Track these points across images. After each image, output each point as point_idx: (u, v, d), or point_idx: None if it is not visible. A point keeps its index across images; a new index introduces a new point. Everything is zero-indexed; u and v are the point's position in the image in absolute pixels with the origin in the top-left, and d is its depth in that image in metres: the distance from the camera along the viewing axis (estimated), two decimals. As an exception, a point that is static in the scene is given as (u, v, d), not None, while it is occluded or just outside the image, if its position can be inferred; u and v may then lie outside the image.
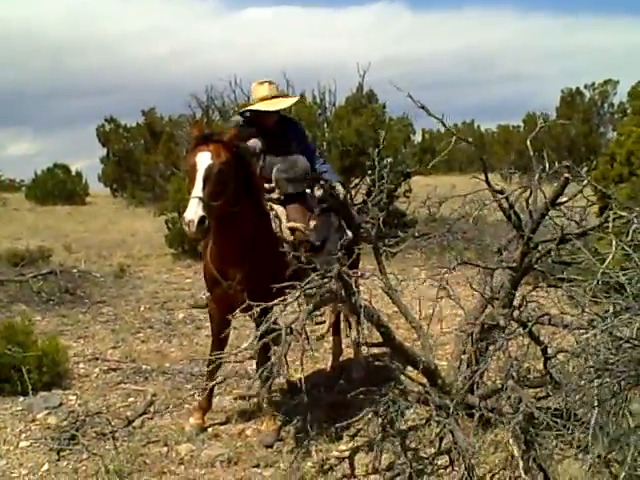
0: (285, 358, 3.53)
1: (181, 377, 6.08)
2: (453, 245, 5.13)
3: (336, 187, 5.06)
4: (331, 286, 3.81)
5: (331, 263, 3.95)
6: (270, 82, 5.28)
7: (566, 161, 4.32)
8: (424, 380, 4.38)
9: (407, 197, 13.47)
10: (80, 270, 10.73)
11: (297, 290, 3.76)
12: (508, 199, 4.36)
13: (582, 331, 3.90)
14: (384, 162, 4.67)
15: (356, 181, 13.91)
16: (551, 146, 21.90)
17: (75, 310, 8.75)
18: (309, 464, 4.32)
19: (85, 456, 4.50)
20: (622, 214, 4.07)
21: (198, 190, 4.20)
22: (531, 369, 4.61)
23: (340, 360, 6.21)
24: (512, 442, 3.44)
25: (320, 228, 5.11)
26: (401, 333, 5.97)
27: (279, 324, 3.72)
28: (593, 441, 3.40)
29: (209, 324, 5.28)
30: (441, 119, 4.47)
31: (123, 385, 5.96)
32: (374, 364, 6.02)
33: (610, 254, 3.74)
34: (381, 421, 3.92)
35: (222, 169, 4.31)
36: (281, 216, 5.05)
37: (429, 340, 4.64)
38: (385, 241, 4.89)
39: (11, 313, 8.00)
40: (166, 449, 4.63)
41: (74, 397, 5.59)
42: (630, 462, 3.32)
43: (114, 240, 14.86)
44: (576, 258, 4.47)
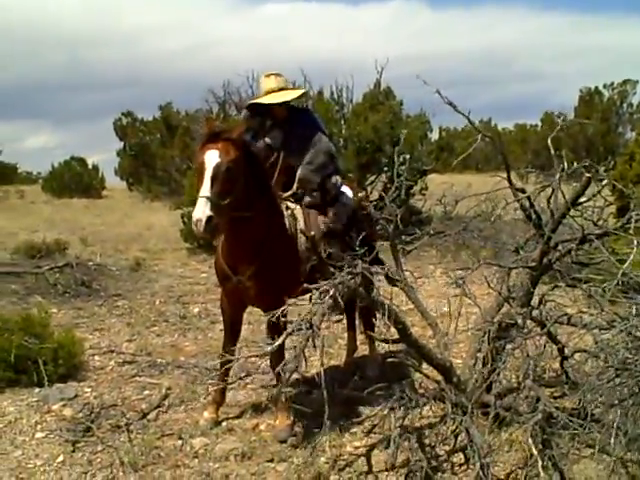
0: (304, 353, 3.52)
1: (196, 371, 6.08)
2: (469, 243, 5.12)
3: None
4: (355, 282, 3.79)
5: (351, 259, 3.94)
6: (277, 74, 5.22)
7: (586, 160, 4.28)
8: (439, 377, 4.37)
9: (423, 195, 13.46)
10: (96, 263, 10.79)
11: (327, 285, 3.73)
12: (530, 198, 4.33)
13: (601, 331, 3.88)
14: (402, 158, 4.66)
15: (372, 178, 13.91)
16: (569, 146, 21.81)
17: (91, 303, 8.81)
18: (323, 460, 4.31)
19: (100, 448, 4.53)
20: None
21: (206, 189, 4.17)
22: (546, 368, 4.59)
23: (355, 356, 6.20)
24: (530, 441, 3.43)
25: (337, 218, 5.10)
26: (416, 330, 5.93)
27: (289, 319, 3.72)
28: (611, 441, 3.39)
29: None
30: (467, 116, 4.44)
31: (138, 378, 5.98)
32: (389, 361, 6.00)
33: (630, 254, 3.72)
34: (398, 417, 3.91)
35: (230, 167, 4.26)
36: (297, 216, 5.01)
37: (445, 338, 4.63)
38: (401, 238, 4.87)
39: (28, 305, 8.05)
40: (180, 442, 4.64)
41: (89, 389, 5.62)
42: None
43: (130, 234, 14.93)
44: (594, 258, 4.44)
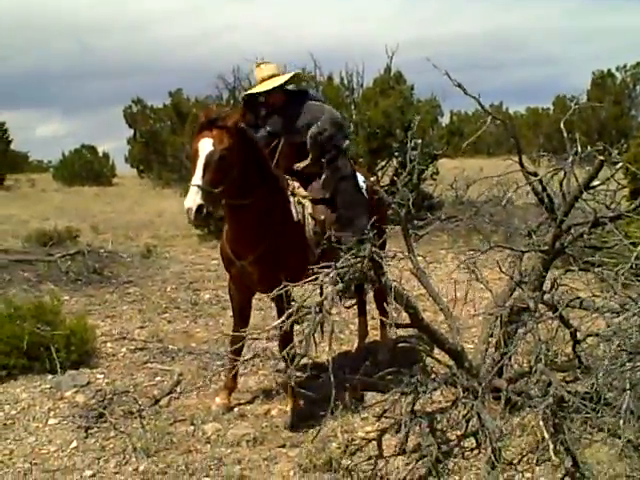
0: (314, 338, 3.50)
1: (207, 357, 6.10)
2: (480, 228, 5.09)
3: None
4: (363, 266, 3.78)
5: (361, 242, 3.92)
6: (267, 63, 5.24)
7: (599, 144, 4.24)
8: (451, 362, 4.36)
9: (434, 180, 13.39)
10: (107, 250, 10.84)
11: (331, 270, 3.72)
12: (542, 181, 4.30)
13: (614, 314, 3.86)
14: (413, 143, 4.62)
15: (382, 163, 13.85)
16: (581, 129, 21.66)
17: (102, 290, 8.84)
18: (334, 445, 4.31)
19: (112, 434, 4.55)
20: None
21: (197, 178, 4.16)
22: (558, 353, 4.57)
23: (366, 342, 6.19)
24: (541, 425, 3.41)
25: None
26: (427, 315, 5.92)
27: (296, 302, 3.70)
28: (623, 425, 3.37)
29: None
30: (478, 99, 4.40)
31: (150, 364, 5.99)
32: (400, 346, 5.99)
33: (643, 237, 3.69)
34: (409, 402, 3.90)
35: (223, 155, 4.23)
36: (305, 202, 4.98)
37: (456, 322, 4.61)
38: (413, 223, 4.85)
39: (40, 292, 8.08)
40: (192, 428, 4.66)
41: (102, 376, 5.64)
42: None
43: (141, 221, 14.97)
44: (607, 242, 4.41)
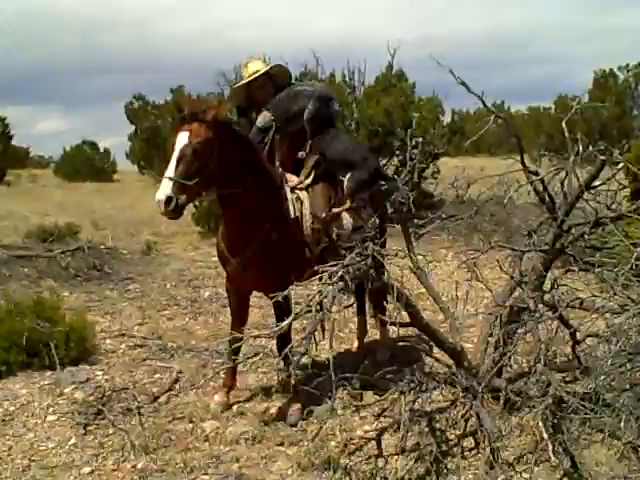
0: (314, 336, 3.50)
1: (206, 355, 6.09)
2: (481, 227, 5.09)
3: None
4: (365, 265, 3.76)
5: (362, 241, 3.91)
6: (252, 60, 5.27)
7: (601, 143, 4.23)
8: (450, 362, 4.35)
9: (435, 178, 13.39)
10: (107, 247, 10.82)
11: (338, 268, 3.70)
12: (543, 181, 4.29)
13: (613, 315, 3.85)
14: (414, 141, 4.61)
15: (384, 162, 13.83)
16: (583, 129, 21.62)
17: (102, 286, 8.84)
18: (333, 443, 4.31)
19: (111, 431, 4.55)
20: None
21: (170, 170, 4.23)
22: (558, 353, 4.56)
23: (365, 341, 6.18)
24: (540, 426, 3.41)
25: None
26: (427, 314, 5.91)
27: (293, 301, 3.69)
28: (622, 426, 3.37)
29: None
30: (480, 96, 4.39)
31: (149, 361, 5.99)
32: (400, 345, 5.99)
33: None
34: (408, 401, 3.90)
35: (197, 149, 4.25)
36: (303, 199, 4.97)
37: (456, 322, 4.60)
38: (413, 222, 4.84)
39: (40, 288, 8.09)
40: (191, 426, 4.65)
41: (101, 372, 5.63)
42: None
43: (141, 217, 14.93)
44: (607, 242, 4.40)
